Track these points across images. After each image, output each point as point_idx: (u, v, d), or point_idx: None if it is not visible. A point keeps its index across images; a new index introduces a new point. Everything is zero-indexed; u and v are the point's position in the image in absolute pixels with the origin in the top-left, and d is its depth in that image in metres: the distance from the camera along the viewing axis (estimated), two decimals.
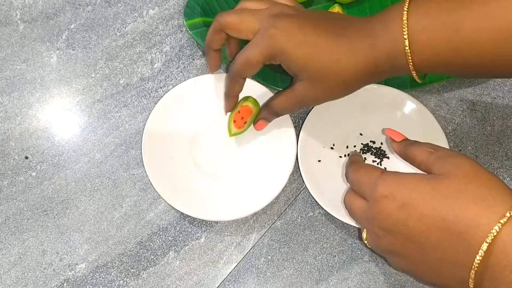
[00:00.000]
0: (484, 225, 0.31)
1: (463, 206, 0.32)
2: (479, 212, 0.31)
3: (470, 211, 0.32)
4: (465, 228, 0.32)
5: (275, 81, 0.51)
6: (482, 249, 0.31)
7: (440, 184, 0.34)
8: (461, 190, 0.33)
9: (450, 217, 0.32)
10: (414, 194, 0.34)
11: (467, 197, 0.32)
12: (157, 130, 0.50)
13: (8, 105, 0.53)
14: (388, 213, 0.35)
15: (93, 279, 0.47)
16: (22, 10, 0.56)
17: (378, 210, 0.36)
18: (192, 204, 0.47)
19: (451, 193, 0.33)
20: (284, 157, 0.49)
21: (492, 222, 0.31)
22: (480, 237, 0.31)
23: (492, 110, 0.53)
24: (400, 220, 0.34)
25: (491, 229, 0.31)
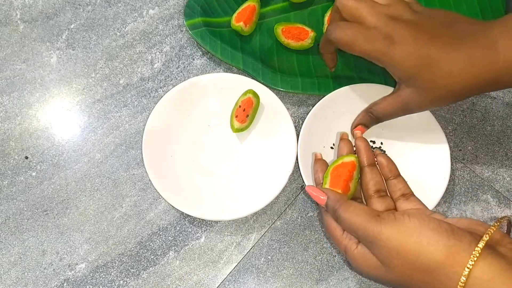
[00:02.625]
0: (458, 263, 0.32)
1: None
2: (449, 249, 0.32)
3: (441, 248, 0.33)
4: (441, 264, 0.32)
5: (275, 81, 0.51)
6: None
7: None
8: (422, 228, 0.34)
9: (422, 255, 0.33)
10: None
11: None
12: (157, 130, 0.50)
13: (8, 105, 0.53)
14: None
15: (93, 279, 0.47)
16: (22, 10, 0.56)
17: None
18: (192, 203, 0.47)
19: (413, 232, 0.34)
20: (284, 157, 0.49)
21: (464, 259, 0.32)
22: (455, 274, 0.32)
23: (492, 110, 0.53)
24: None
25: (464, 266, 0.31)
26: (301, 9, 0.56)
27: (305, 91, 0.52)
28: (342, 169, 0.43)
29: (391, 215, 0.36)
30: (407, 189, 0.43)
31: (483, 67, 0.38)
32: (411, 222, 0.34)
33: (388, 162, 0.45)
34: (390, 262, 0.34)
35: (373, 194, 0.43)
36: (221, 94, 0.51)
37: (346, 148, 0.46)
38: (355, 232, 0.37)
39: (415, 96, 0.42)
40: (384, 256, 0.35)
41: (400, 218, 0.35)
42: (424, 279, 0.33)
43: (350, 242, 0.38)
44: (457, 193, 0.51)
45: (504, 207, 0.50)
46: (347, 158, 0.44)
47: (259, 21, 0.55)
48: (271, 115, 0.51)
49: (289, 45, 0.53)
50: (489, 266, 0.31)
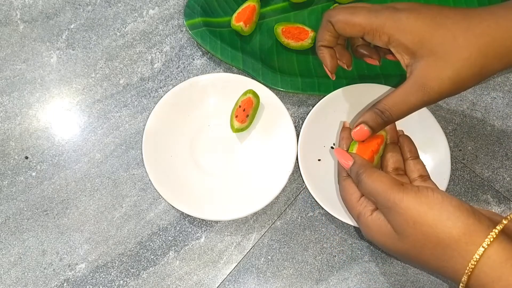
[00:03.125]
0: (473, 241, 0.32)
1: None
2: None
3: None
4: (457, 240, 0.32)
5: (275, 81, 0.51)
6: (471, 265, 0.31)
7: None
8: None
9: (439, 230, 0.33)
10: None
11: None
12: (157, 130, 0.50)
13: (8, 105, 0.53)
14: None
15: (93, 279, 0.47)
16: (22, 10, 0.56)
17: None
18: (192, 204, 0.47)
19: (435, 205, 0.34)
20: (284, 157, 0.49)
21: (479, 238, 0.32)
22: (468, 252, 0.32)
23: (492, 110, 0.53)
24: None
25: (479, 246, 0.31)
26: (301, 9, 0.56)
27: (305, 91, 0.52)
28: (372, 141, 0.43)
29: (414, 186, 0.36)
30: (424, 172, 0.43)
31: (506, 28, 0.34)
32: (434, 196, 0.34)
33: (409, 142, 0.45)
34: (405, 230, 0.34)
35: (391, 171, 0.43)
36: (221, 94, 0.51)
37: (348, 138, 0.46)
38: (375, 197, 0.37)
39: (433, 67, 0.35)
40: (400, 223, 0.34)
41: (424, 190, 0.35)
42: (436, 252, 0.33)
43: (365, 209, 0.38)
44: (457, 193, 0.50)
45: (504, 207, 0.50)
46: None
47: (259, 21, 0.55)
48: (271, 115, 0.51)
49: (289, 45, 0.53)
50: (503, 249, 0.31)
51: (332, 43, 0.43)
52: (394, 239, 0.36)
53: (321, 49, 0.43)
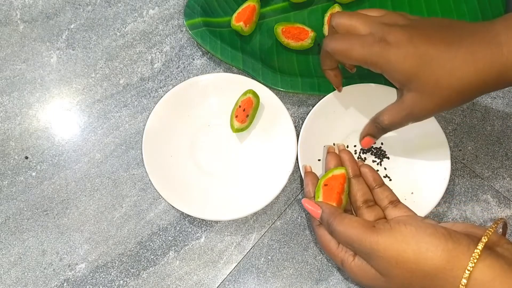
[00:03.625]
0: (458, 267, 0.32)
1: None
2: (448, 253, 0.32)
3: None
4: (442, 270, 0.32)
5: (275, 81, 0.51)
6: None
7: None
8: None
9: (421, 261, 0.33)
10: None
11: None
12: (157, 130, 0.50)
13: (8, 105, 0.53)
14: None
15: (93, 279, 0.47)
16: (22, 10, 0.56)
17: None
18: (192, 204, 0.47)
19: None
20: (284, 157, 0.49)
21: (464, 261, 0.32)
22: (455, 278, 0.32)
23: (492, 110, 0.53)
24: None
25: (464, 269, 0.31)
26: (301, 9, 0.56)
27: (305, 91, 0.52)
28: (334, 182, 0.43)
29: (386, 224, 0.36)
30: (393, 197, 0.43)
31: (486, 62, 0.36)
32: (408, 230, 0.34)
33: (371, 171, 0.45)
34: (390, 272, 0.34)
35: (361, 205, 0.43)
36: (221, 94, 0.51)
37: (334, 161, 0.47)
38: (351, 245, 0.37)
39: (418, 100, 0.40)
40: (383, 266, 0.35)
41: (396, 227, 0.35)
42: (425, 285, 0.33)
43: (346, 255, 0.38)
44: (457, 193, 0.50)
45: (504, 207, 0.50)
46: (337, 171, 0.44)
47: (259, 21, 0.55)
48: (271, 115, 0.51)
49: (289, 45, 0.53)
50: (489, 267, 0.31)
51: (334, 66, 0.47)
52: (381, 282, 0.36)
53: (326, 72, 0.48)
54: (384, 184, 0.45)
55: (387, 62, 0.39)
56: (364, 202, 0.43)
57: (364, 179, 0.45)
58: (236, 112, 0.49)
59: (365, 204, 0.43)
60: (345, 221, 0.38)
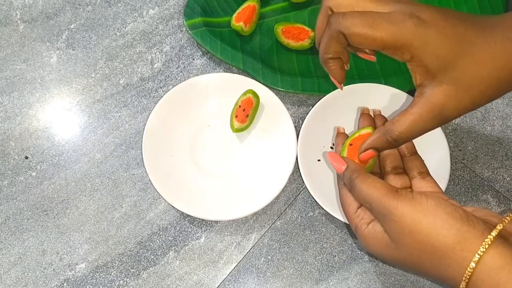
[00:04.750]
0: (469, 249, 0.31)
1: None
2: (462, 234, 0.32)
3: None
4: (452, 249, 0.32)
5: (275, 81, 0.51)
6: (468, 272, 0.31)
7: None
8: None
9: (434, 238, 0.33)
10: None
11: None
12: (157, 130, 0.50)
13: (8, 105, 0.53)
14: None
15: (93, 279, 0.47)
16: (22, 10, 0.56)
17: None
18: (192, 203, 0.47)
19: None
20: (284, 157, 0.49)
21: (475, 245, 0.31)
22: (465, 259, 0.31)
23: (492, 110, 0.53)
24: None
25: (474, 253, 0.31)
26: (301, 9, 0.56)
27: (305, 91, 0.52)
28: (359, 141, 0.42)
29: (409, 193, 0.35)
30: (423, 167, 0.43)
31: None
32: (428, 203, 0.34)
33: None
34: (401, 239, 0.34)
35: (390, 171, 0.43)
36: (221, 94, 0.51)
37: (367, 121, 0.46)
38: (370, 204, 0.36)
39: (453, 95, 0.33)
40: (396, 232, 0.34)
41: (417, 197, 0.35)
42: (433, 260, 0.33)
43: (361, 221, 0.38)
44: (457, 193, 0.50)
45: (504, 207, 0.50)
46: (364, 130, 0.43)
47: (259, 21, 0.55)
48: (271, 115, 0.51)
49: (289, 45, 0.53)
50: (499, 255, 0.31)
51: (341, 53, 0.38)
52: (391, 249, 0.35)
53: (329, 62, 0.39)
54: (416, 153, 0.44)
55: (425, 42, 0.32)
56: (393, 169, 0.43)
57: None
58: (236, 112, 0.49)
59: (394, 170, 0.43)
60: (369, 180, 0.37)
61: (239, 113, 0.49)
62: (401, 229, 0.34)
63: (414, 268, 0.35)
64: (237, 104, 0.49)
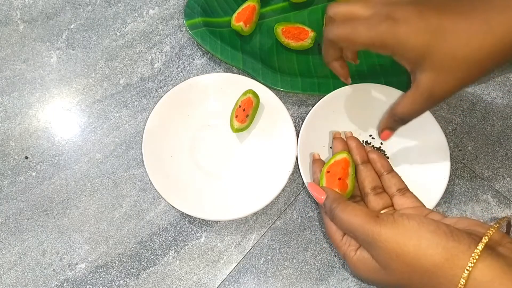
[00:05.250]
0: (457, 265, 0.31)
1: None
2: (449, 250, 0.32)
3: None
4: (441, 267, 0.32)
5: (275, 81, 0.51)
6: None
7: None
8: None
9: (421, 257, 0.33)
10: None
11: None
12: (157, 130, 0.50)
13: (8, 105, 0.53)
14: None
15: (93, 279, 0.47)
16: (22, 10, 0.56)
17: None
18: (192, 204, 0.47)
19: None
20: (284, 157, 0.49)
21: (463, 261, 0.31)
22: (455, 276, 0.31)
23: (492, 110, 0.53)
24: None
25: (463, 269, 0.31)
26: (301, 9, 0.56)
27: (305, 91, 0.52)
28: (336, 167, 0.43)
29: (390, 216, 0.36)
30: (401, 184, 0.43)
31: (503, 28, 0.34)
32: (410, 224, 0.34)
33: (380, 157, 0.45)
34: (389, 264, 0.34)
35: (370, 192, 0.43)
36: (221, 94, 0.51)
37: (340, 146, 0.47)
38: (353, 233, 0.37)
39: (437, 79, 0.37)
40: (383, 258, 0.35)
41: (399, 220, 0.35)
42: (424, 281, 0.33)
43: (349, 249, 0.38)
44: (457, 193, 0.51)
45: (504, 207, 0.50)
46: (339, 156, 0.44)
47: (259, 21, 0.55)
48: (271, 115, 0.51)
49: (289, 45, 0.53)
50: (488, 268, 0.31)
51: (339, 56, 0.45)
52: (381, 274, 0.36)
53: (331, 64, 0.46)
54: (392, 171, 0.44)
55: (397, 40, 0.36)
56: (372, 189, 0.43)
57: (372, 165, 0.45)
58: (236, 112, 0.49)
59: (373, 191, 0.43)
60: (348, 208, 0.37)
61: (239, 113, 0.49)
62: (388, 254, 0.34)
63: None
64: (237, 104, 0.49)
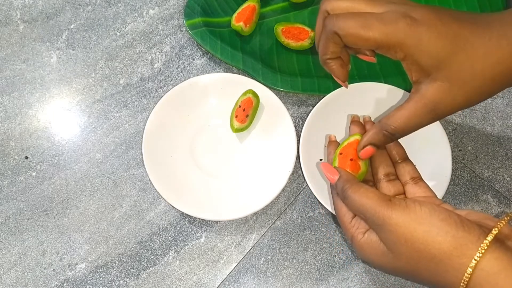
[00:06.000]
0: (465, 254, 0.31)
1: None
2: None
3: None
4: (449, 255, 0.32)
5: (275, 81, 0.51)
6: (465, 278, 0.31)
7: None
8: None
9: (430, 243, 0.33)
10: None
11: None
12: (157, 130, 0.50)
13: (8, 105, 0.53)
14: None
15: (93, 279, 0.47)
16: (22, 10, 0.56)
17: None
18: (192, 204, 0.47)
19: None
20: (284, 157, 0.49)
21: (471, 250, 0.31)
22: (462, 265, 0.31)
23: (492, 110, 0.53)
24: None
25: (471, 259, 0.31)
26: (301, 9, 0.56)
27: (305, 91, 0.52)
28: (348, 149, 0.42)
29: (402, 201, 0.35)
30: (415, 173, 0.43)
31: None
32: (422, 211, 0.34)
33: (395, 145, 0.44)
34: (397, 248, 0.34)
35: (382, 178, 0.43)
36: (221, 94, 0.51)
37: (357, 129, 0.46)
38: (364, 214, 0.36)
39: (447, 92, 0.34)
40: (392, 241, 0.34)
41: (411, 205, 0.35)
42: (430, 268, 0.33)
43: (357, 231, 0.38)
44: (457, 193, 0.50)
45: (504, 207, 0.50)
46: (352, 138, 0.43)
47: (259, 21, 0.55)
48: (271, 115, 0.51)
49: (289, 45, 0.53)
50: (496, 259, 0.31)
51: (339, 53, 0.39)
52: (388, 258, 0.35)
53: (328, 62, 0.39)
54: (407, 159, 0.44)
55: (417, 41, 0.33)
56: (385, 175, 0.43)
57: (387, 151, 0.44)
58: (236, 112, 0.49)
59: (386, 177, 0.43)
60: (361, 190, 0.37)
61: (239, 113, 0.49)
62: (397, 238, 0.34)
63: (412, 276, 0.35)
64: (237, 104, 0.49)
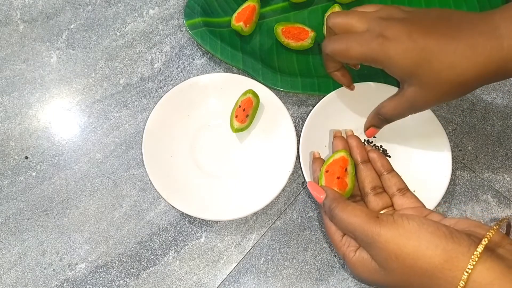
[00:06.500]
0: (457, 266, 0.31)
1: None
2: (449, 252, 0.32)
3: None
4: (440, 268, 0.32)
5: (275, 81, 0.51)
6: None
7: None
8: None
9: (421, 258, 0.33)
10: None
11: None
12: (157, 130, 0.50)
13: (8, 105, 0.53)
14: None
15: (93, 279, 0.47)
16: (22, 10, 0.56)
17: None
18: (192, 204, 0.47)
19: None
20: (284, 157, 0.49)
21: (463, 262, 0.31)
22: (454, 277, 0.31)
23: (492, 110, 0.53)
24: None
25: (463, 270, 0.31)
26: (301, 9, 0.56)
27: (305, 91, 0.52)
28: (334, 166, 0.43)
29: (389, 217, 0.36)
30: (402, 184, 0.43)
31: (486, 55, 0.36)
32: (410, 225, 0.34)
33: (380, 157, 0.45)
34: (389, 265, 0.34)
35: (369, 191, 0.43)
36: (221, 94, 0.51)
37: (341, 144, 0.47)
38: (353, 233, 0.37)
39: (419, 94, 0.40)
40: (383, 258, 0.35)
41: (399, 221, 0.35)
42: (423, 282, 0.33)
43: (348, 249, 0.38)
44: (457, 193, 0.51)
45: (504, 207, 0.50)
46: (337, 154, 0.44)
47: (259, 21, 0.55)
48: (271, 115, 0.51)
49: (289, 45, 0.53)
50: (488, 270, 0.31)
51: (339, 67, 0.48)
52: (381, 275, 0.36)
53: (333, 74, 0.48)
54: (393, 171, 0.44)
55: (387, 58, 0.39)
56: (372, 189, 0.43)
57: (372, 165, 0.45)
58: (236, 112, 0.49)
59: (373, 191, 0.43)
60: (348, 208, 0.37)
61: (239, 113, 0.49)
62: (387, 255, 0.34)
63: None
64: (237, 104, 0.49)
